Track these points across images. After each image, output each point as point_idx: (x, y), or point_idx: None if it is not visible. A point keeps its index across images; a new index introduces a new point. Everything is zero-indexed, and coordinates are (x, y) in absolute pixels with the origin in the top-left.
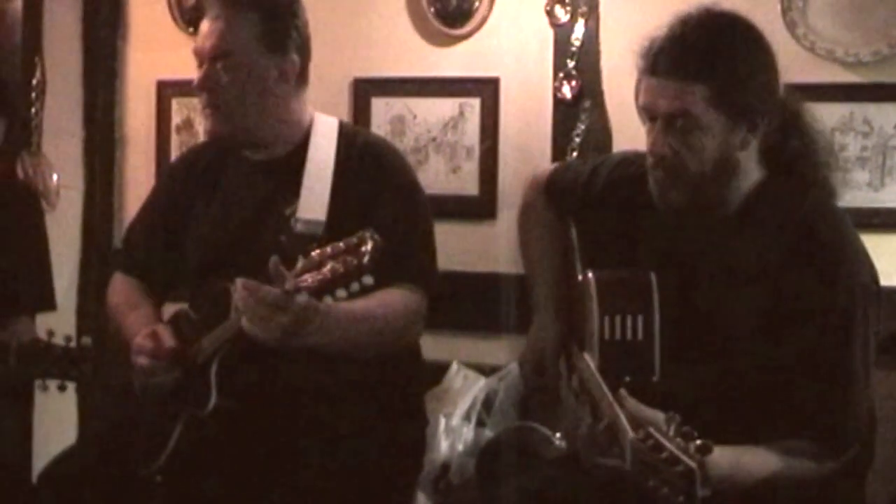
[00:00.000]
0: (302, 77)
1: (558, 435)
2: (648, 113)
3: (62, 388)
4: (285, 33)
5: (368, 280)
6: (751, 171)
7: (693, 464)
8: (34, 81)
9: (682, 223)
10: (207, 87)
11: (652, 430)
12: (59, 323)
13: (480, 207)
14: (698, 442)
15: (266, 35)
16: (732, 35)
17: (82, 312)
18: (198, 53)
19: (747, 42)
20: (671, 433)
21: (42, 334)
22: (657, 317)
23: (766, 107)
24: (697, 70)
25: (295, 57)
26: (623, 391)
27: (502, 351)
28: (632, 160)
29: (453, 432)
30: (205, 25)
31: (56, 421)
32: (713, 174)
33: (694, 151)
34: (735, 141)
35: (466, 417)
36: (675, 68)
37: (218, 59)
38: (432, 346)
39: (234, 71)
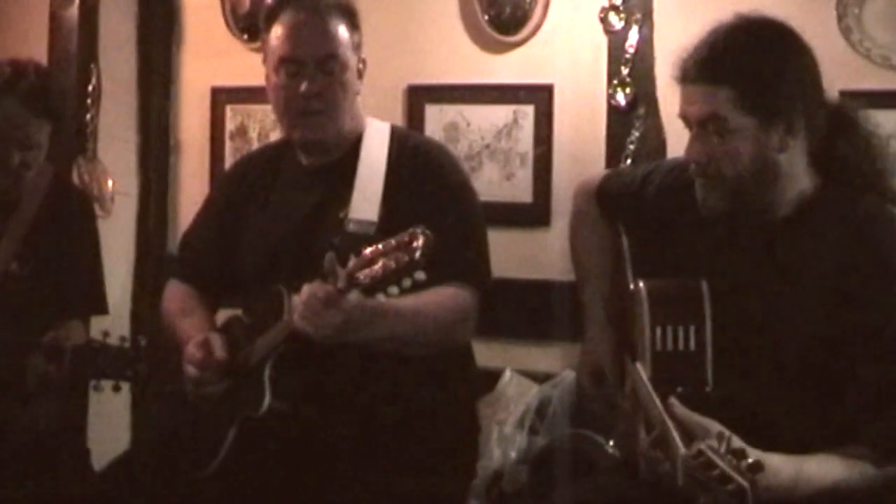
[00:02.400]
0: None
1: (612, 443)
2: (685, 121)
3: (117, 389)
4: (361, 36)
5: (420, 276)
6: (799, 176)
7: (745, 483)
8: (90, 88)
9: (733, 230)
10: (315, 93)
11: (704, 446)
12: (114, 328)
13: (534, 215)
14: (750, 460)
15: (355, 38)
16: (759, 38)
17: (136, 317)
18: (298, 59)
19: (776, 43)
20: (723, 450)
21: (98, 336)
22: (709, 326)
23: (803, 108)
24: (721, 73)
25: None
26: (673, 399)
27: (555, 358)
28: (683, 167)
29: (506, 440)
30: (297, 31)
31: (109, 422)
32: (752, 178)
33: (728, 155)
34: (771, 143)
35: (519, 425)
36: (701, 73)
37: (325, 62)
38: (486, 353)
39: (341, 73)
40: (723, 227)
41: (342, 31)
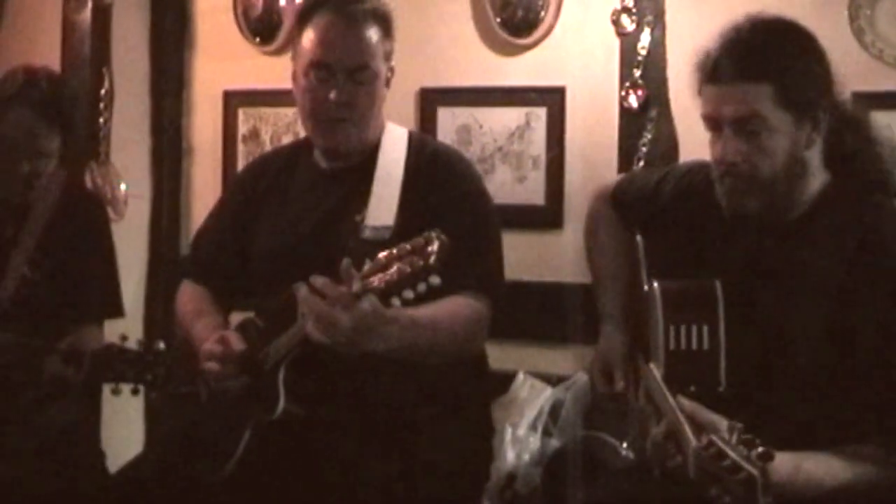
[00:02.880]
0: None
1: (625, 445)
2: (714, 122)
3: (135, 392)
4: (393, 43)
5: (435, 280)
6: (817, 174)
7: (755, 471)
8: (102, 92)
9: (747, 231)
10: (344, 102)
11: (714, 437)
12: (128, 330)
13: (546, 217)
14: (760, 449)
15: (387, 46)
16: (785, 35)
17: (150, 320)
18: (329, 65)
19: (800, 40)
20: (733, 441)
21: (114, 340)
22: (722, 326)
23: (825, 103)
24: (760, 70)
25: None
26: (682, 398)
27: (568, 361)
28: (697, 170)
29: (520, 442)
30: (331, 37)
31: (122, 424)
32: (784, 176)
33: (766, 154)
34: (802, 139)
35: (533, 427)
36: (738, 72)
37: (356, 71)
38: (498, 356)
39: (371, 83)
40: (737, 228)
41: (376, 39)
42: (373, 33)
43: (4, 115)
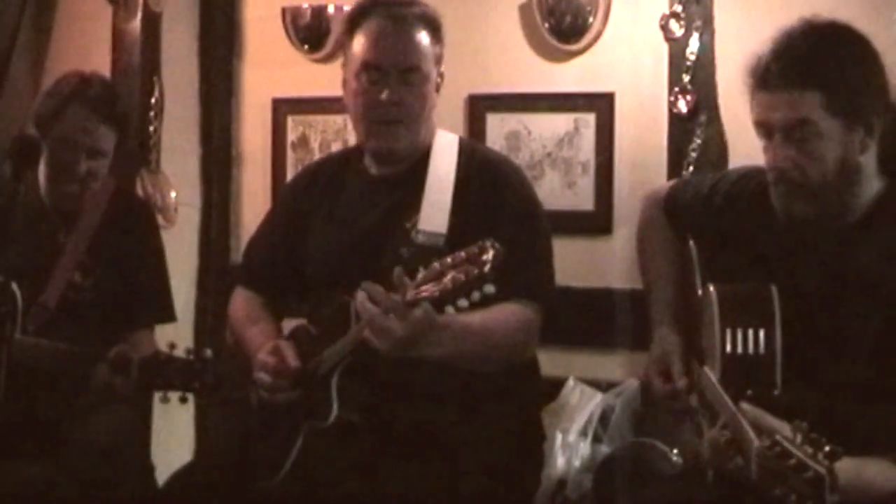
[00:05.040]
0: None
1: (675, 451)
2: (765, 128)
3: (184, 400)
4: (443, 49)
5: (490, 289)
6: (872, 179)
7: (822, 469)
8: (152, 101)
9: (803, 235)
10: (395, 102)
11: (778, 437)
12: (177, 337)
13: (596, 223)
14: (827, 448)
15: (437, 50)
16: (837, 40)
17: (200, 327)
18: (381, 66)
19: (852, 46)
20: (798, 440)
21: (163, 347)
22: (779, 330)
23: (879, 108)
24: (809, 77)
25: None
26: (744, 404)
27: (617, 367)
28: (751, 175)
29: (570, 448)
30: (382, 39)
31: (172, 433)
32: (837, 181)
33: (815, 160)
34: (854, 145)
35: (583, 433)
36: (787, 79)
37: (407, 72)
38: (548, 362)
39: (422, 85)
40: (793, 232)
41: (426, 42)
42: (423, 36)
43: (62, 113)
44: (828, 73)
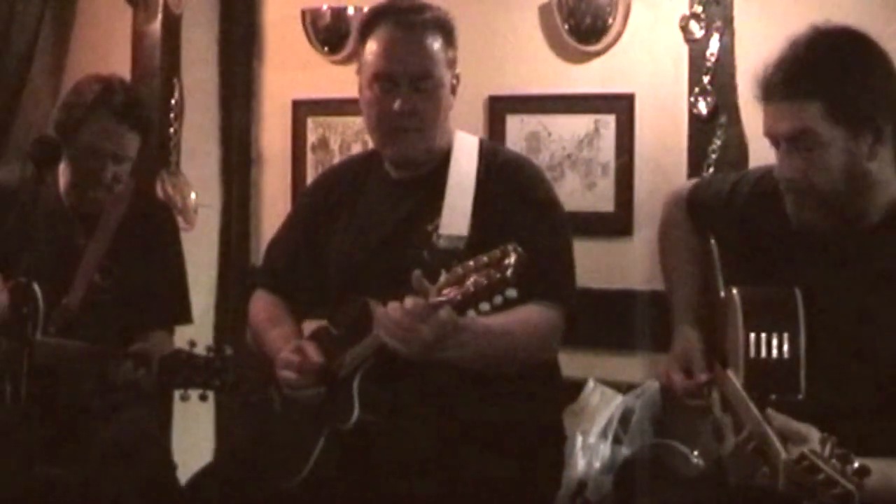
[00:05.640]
0: None
1: (696, 453)
2: (772, 138)
3: (203, 398)
4: (457, 52)
5: (512, 293)
6: (889, 183)
7: (851, 487)
8: (172, 102)
9: (825, 238)
10: (408, 111)
11: (807, 450)
12: (198, 338)
13: (616, 224)
14: (856, 465)
15: (450, 54)
16: (840, 48)
17: (220, 328)
18: (392, 75)
19: (858, 52)
20: (826, 454)
21: (184, 346)
22: (803, 334)
23: (890, 113)
24: (809, 88)
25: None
26: (770, 410)
27: (638, 368)
28: (773, 175)
29: (590, 450)
30: (393, 48)
31: (193, 433)
32: (845, 189)
33: (820, 169)
34: (861, 152)
35: (603, 435)
36: (787, 90)
37: (419, 80)
38: (568, 363)
39: (435, 92)
40: (815, 235)
41: (438, 48)
42: (434, 42)
43: (86, 122)
44: (829, 81)
